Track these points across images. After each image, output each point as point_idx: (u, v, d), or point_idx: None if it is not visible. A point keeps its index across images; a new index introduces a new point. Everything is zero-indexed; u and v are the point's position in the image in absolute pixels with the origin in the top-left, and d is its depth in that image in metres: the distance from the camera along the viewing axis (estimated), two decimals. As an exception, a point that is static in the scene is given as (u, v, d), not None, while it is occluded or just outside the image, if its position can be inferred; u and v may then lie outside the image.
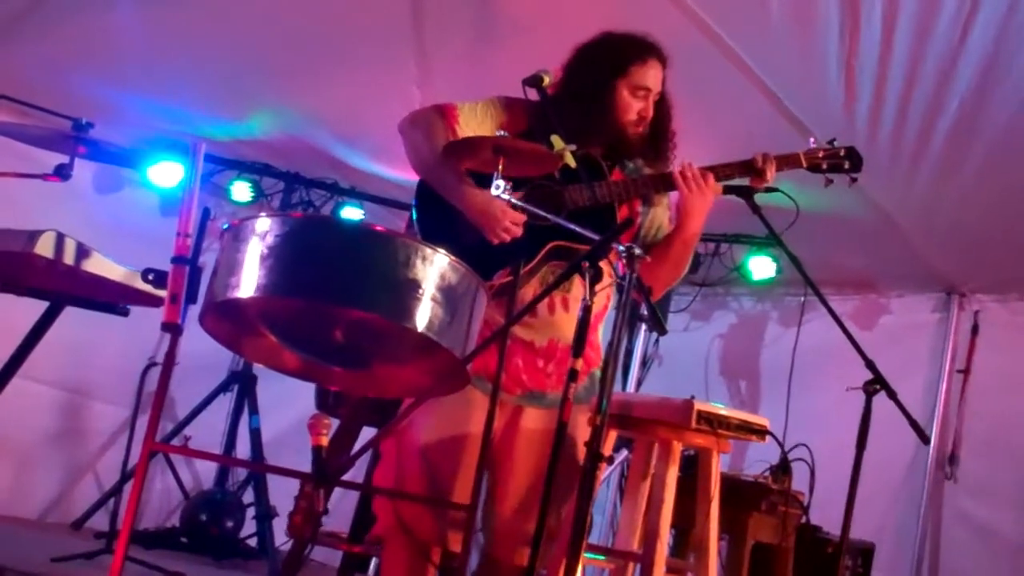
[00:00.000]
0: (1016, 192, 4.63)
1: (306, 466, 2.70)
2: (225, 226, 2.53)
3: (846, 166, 3.16)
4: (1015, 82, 4.03)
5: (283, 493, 5.85)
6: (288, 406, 5.88)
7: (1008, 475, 5.27)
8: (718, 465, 3.41)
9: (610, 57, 3.03)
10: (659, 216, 3.16)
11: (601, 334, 3.17)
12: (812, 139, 3.20)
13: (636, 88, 3.02)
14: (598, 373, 3.02)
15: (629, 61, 3.02)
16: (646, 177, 3.07)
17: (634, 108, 3.03)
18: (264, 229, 2.42)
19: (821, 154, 3.15)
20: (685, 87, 3.14)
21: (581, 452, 2.53)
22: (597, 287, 2.56)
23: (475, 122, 3.00)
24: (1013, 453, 5.26)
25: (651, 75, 3.04)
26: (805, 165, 3.13)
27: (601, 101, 3.01)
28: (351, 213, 6.36)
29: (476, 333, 2.55)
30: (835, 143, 3.18)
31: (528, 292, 2.90)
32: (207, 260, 2.58)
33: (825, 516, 4.27)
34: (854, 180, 3.20)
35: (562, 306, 3.01)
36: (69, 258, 3.04)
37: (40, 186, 3.11)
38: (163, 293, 2.59)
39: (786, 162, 3.10)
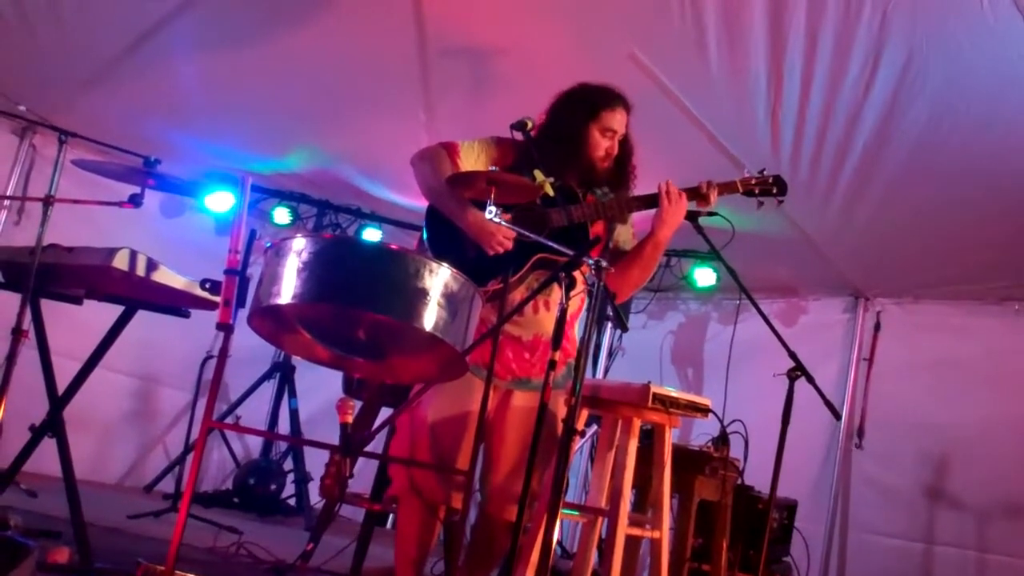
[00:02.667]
0: (910, 215, 4.65)
1: (335, 440, 2.69)
2: (268, 244, 2.51)
3: (774, 191, 3.12)
4: (908, 127, 4.05)
5: (317, 461, 5.85)
6: (320, 391, 5.86)
7: (903, 444, 5.27)
8: (670, 437, 3.39)
9: (585, 103, 3.01)
10: (624, 234, 3.15)
11: (577, 330, 3.16)
12: (746, 169, 3.16)
13: (605, 130, 3.00)
14: (573, 363, 3.01)
15: (600, 107, 3.00)
16: (632, 198, 3.05)
17: (602, 146, 3.01)
18: (300, 247, 2.41)
19: (754, 181, 3.11)
20: (641, 127, 3.14)
21: (559, 427, 2.52)
22: (572, 293, 2.57)
23: (472, 157, 2.99)
24: (907, 426, 5.27)
25: (617, 119, 3.01)
26: (741, 191, 3.10)
27: (576, 140, 2.99)
28: (372, 234, 6.34)
29: (474, 330, 2.54)
30: (764, 172, 3.14)
31: (517, 296, 2.89)
32: (253, 272, 2.57)
33: (757, 478, 4.26)
34: (780, 203, 3.15)
35: (544, 307, 2.99)
36: (140, 270, 3.03)
37: (117, 211, 3.10)
38: (218, 299, 2.59)
39: (726, 188, 3.06)
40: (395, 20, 4.28)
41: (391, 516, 5.71)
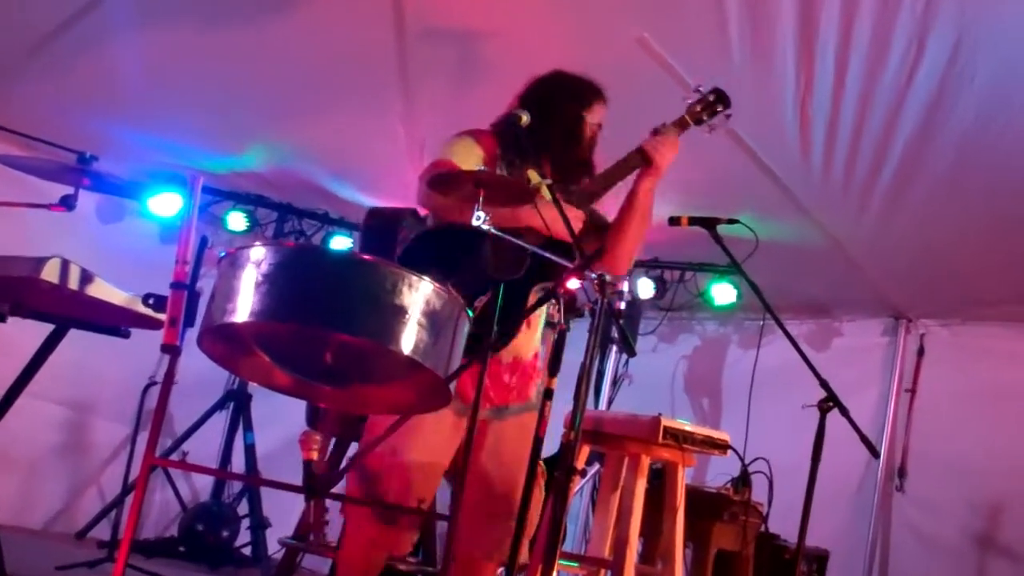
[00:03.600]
0: (957, 225, 4.67)
1: (297, 479, 2.67)
2: (222, 254, 2.51)
3: (719, 108, 3.20)
4: (955, 124, 4.07)
5: (276, 505, 5.83)
6: (280, 423, 5.85)
7: (951, 487, 5.28)
8: (683, 477, 3.40)
9: (577, 92, 3.17)
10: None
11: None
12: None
13: (594, 122, 3.18)
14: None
15: (593, 99, 3.18)
16: (614, 167, 3.14)
17: (591, 138, 3.18)
18: (259, 257, 2.40)
19: (699, 107, 3.20)
20: (650, 121, 3.19)
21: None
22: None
23: (465, 161, 3.04)
24: (956, 467, 5.27)
25: (603, 113, 3.20)
26: (692, 123, 3.19)
27: (575, 131, 3.14)
28: (341, 242, 6.33)
29: (459, 354, 2.54)
30: (700, 88, 3.21)
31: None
32: (204, 286, 2.57)
33: (783, 525, 4.26)
34: (728, 117, 3.22)
35: (526, 325, 3.03)
36: (73, 283, 3.01)
37: (46, 215, 3.08)
38: (162, 316, 2.57)
39: (678, 126, 3.16)
40: (369, -3, 4.30)
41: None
